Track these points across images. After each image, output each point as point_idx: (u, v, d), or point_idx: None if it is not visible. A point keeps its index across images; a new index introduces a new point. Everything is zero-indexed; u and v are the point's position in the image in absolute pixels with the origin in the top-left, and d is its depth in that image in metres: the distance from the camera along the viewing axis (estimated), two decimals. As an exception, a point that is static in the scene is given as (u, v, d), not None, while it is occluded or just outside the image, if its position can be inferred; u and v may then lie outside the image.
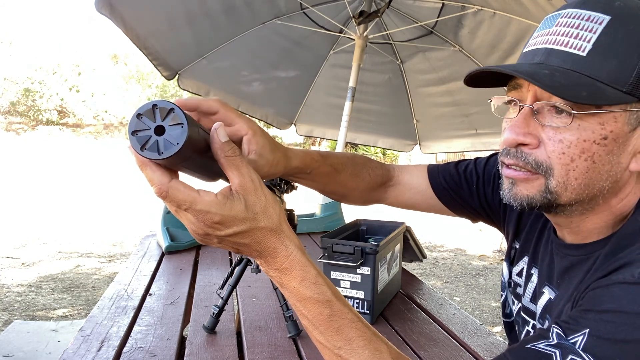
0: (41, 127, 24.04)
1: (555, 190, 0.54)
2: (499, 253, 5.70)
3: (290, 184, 1.11)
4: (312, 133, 3.41)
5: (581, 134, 0.51)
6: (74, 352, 0.85)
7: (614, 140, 0.51)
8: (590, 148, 0.51)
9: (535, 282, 0.68)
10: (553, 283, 0.63)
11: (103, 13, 1.85)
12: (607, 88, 0.49)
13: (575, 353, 0.46)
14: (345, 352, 0.50)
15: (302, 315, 0.51)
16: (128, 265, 1.43)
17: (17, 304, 3.62)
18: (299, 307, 0.50)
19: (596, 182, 0.53)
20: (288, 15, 2.56)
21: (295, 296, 0.49)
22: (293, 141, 23.73)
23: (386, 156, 14.56)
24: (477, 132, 2.87)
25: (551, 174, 0.53)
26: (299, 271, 0.49)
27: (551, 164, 0.53)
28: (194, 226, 0.46)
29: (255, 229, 0.47)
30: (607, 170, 0.53)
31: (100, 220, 7.03)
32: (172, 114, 0.45)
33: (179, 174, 0.49)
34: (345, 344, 0.50)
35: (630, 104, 0.50)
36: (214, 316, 0.93)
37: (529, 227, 0.73)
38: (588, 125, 0.51)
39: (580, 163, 0.52)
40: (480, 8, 2.12)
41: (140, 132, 0.45)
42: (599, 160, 0.52)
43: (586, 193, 0.54)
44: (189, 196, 0.44)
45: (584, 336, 0.46)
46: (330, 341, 0.50)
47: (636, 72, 0.49)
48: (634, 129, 0.51)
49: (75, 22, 28.37)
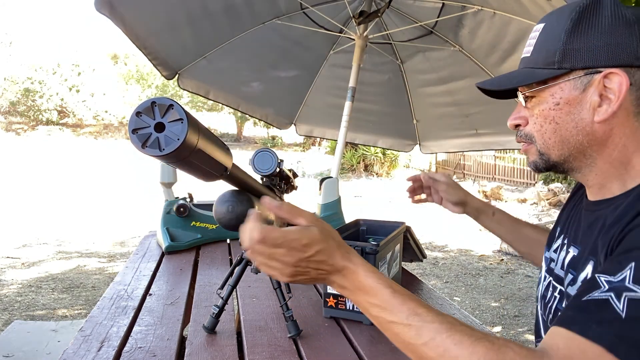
0: (41, 127, 24.03)
1: (543, 152, 0.71)
2: (499, 253, 5.69)
3: (291, 184, 1.11)
4: (312, 133, 3.41)
5: (540, 106, 0.70)
6: (74, 352, 0.85)
7: (566, 103, 0.67)
8: (549, 114, 0.69)
9: (565, 249, 0.78)
10: (577, 242, 0.74)
11: (103, 13, 1.85)
12: (542, 70, 0.68)
13: (627, 289, 0.50)
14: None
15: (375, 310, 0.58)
16: (128, 265, 1.43)
17: (17, 304, 3.61)
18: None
19: (569, 137, 0.68)
20: (288, 15, 2.55)
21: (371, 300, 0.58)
22: (293, 141, 23.72)
23: (386, 156, 14.55)
24: (477, 132, 2.87)
25: (534, 140, 0.72)
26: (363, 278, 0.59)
27: (532, 133, 0.72)
28: (288, 257, 0.57)
29: (330, 246, 0.59)
30: (573, 126, 0.68)
31: (100, 220, 7.03)
32: (171, 110, 0.45)
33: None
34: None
35: (569, 74, 0.66)
36: (214, 316, 0.93)
37: (567, 211, 0.85)
38: (542, 99, 0.70)
39: (546, 126, 0.70)
40: (480, 8, 2.12)
41: (140, 130, 0.45)
42: (561, 121, 0.68)
43: (567, 148, 0.69)
44: (281, 231, 0.57)
45: (631, 270, 0.52)
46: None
47: (558, 53, 0.66)
48: (583, 90, 0.66)
49: (75, 22, 28.34)
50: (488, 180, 12.54)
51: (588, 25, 0.64)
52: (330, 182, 2.02)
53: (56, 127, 24.26)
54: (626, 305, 0.49)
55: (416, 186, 1.18)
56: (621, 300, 0.50)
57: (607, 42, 0.63)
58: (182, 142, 0.44)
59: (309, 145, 22.36)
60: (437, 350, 0.53)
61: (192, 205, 1.69)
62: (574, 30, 0.65)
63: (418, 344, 0.54)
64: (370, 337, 0.94)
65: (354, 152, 14.69)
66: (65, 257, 5.09)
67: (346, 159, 14.66)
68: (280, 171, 0.99)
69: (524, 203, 9.60)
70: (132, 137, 0.45)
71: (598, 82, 0.64)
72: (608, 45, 0.63)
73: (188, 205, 1.66)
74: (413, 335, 0.54)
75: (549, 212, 8.43)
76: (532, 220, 7.59)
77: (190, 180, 0.77)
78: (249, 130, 26.63)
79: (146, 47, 2.19)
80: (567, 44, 0.65)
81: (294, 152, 21.38)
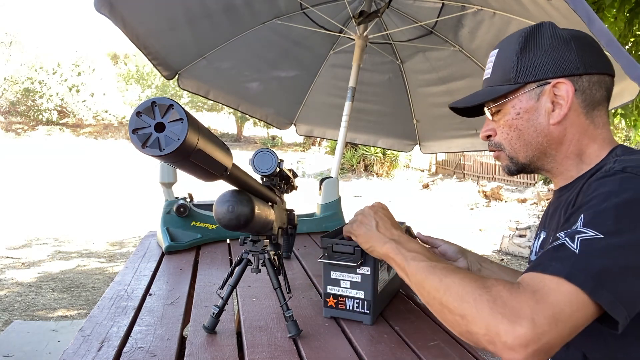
0: (41, 127, 24.03)
1: (512, 155, 0.84)
2: (499, 253, 5.70)
3: (291, 184, 1.11)
4: (312, 133, 3.41)
5: (505, 117, 0.82)
6: (74, 352, 0.85)
7: (526, 112, 0.79)
8: (513, 123, 0.81)
9: (537, 238, 0.89)
10: (545, 226, 0.87)
11: (102, 13, 1.85)
12: (502, 87, 0.80)
13: (579, 232, 0.60)
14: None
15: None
16: (128, 265, 1.43)
17: (17, 304, 3.61)
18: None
19: (531, 140, 0.80)
20: (288, 15, 2.55)
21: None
22: (293, 141, 23.71)
23: (386, 156, 14.55)
24: (477, 132, 2.87)
25: (503, 147, 0.84)
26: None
27: (501, 142, 0.84)
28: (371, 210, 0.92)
29: (387, 212, 0.94)
30: (534, 130, 0.79)
31: (100, 220, 7.03)
32: (171, 110, 0.45)
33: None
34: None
35: (524, 87, 0.78)
36: (214, 316, 0.93)
37: (546, 211, 0.93)
38: (505, 111, 0.82)
39: (512, 134, 0.82)
40: (480, 8, 2.11)
41: (140, 130, 0.45)
42: (523, 127, 0.80)
43: (531, 150, 0.81)
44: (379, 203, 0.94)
45: (581, 220, 0.62)
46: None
47: (513, 70, 0.79)
48: (537, 100, 0.78)
49: (75, 22, 28.33)
50: (488, 180, 12.54)
51: (533, 45, 0.78)
52: (330, 182, 2.02)
53: (56, 127, 24.26)
54: (579, 244, 0.59)
55: None
56: (575, 241, 0.60)
57: (551, 58, 0.76)
58: (182, 142, 0.44)
59: (309, 145, 22.36)
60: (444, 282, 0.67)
61: (192, 205, 1.69)
62: (523, 51, 0.78)
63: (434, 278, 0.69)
64: (370, 337, 0.94)
65: (354, 152, 14.69)
66: (65, 257, 5.09)
67: (346, 159, 14.66)
68: (280, 171, 0.99)
69: (524, 203, 9.60)
70: (133, 137, 0.45)
71: (549, 91, 0.77)
72: (552, 60, 0.76)
73: (188, 205, 1.66)
74: (434, 277, 0.69)
75: (549, 212, 8.42)
76: (532, 220, 7.59)
77: (190, 180, 0.77)
78: (249, 130, 26.64)
79: (146, 47, 2.19)
80: (519, 63, 0.78)
81: (294, 152, 21.39)
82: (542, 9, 1.43)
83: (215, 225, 1.71)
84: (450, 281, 0.65)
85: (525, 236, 5.61)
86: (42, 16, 27.04)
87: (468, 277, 0.64)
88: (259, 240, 0.93)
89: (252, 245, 0.92)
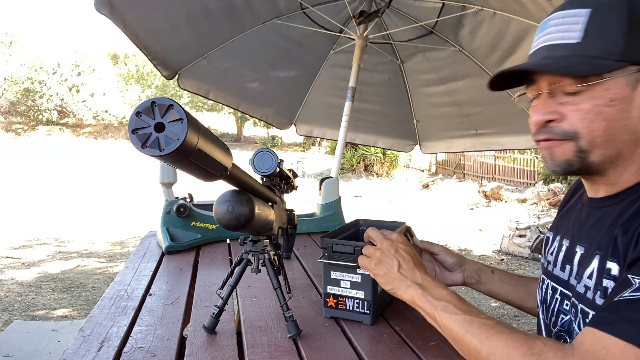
0: (41, 127, 24.04)
1: (586, 149, 0.65)
2: (499, 253, 5.69)
3: (290, 184, 1.11)
4: (312, 133, 3.41)
5: (592, 101, 0.63)
6: (74, 352, 0.85)
7: (621, 100, 0.62)
8: (603, 110, 0.62)
9: (565, 249, 0.78)
10: (582, 240, 0.73)
11: (102, 13, 1.85)
12: (602, 61, 0.61)
13: None
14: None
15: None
16: (128, 265, 1.43)
17: (17, 304, 3.61)
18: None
19: (617, 136, 0.64)
20: (288, 15, 2.55)
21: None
22: (293, 141, 23.71)
23: (386, 156, 14.54)
24: (477, 132, 2.87)
25: (579, 136, 0.64)
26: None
27: (577, 130, 0.64)
28: (391, 246, 0.83)
29: (409, 249, 0.84)
30: (623, 124, 0.63)
31: (100, 220, 7.03)
32: (171, 110, 0.45)
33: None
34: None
35: (623, 69, 0.61)
36: (214, 316, 0.93)
37: (562, 214, 0.85)
38: (595, 93, 0.62)
39: (599, 124, 0.63)
40: (480, 8, 2.11)
41: (140, 130, 0.45)
42: (614, 119, 0.63)
43: (612, 147, 0.64)
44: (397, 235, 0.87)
45: None
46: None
47: (621, 43, 0.61)
48: (634, 88, 0.62)
49: (75, 22, 28.32)
50: (488, 180, 12.54)
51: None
52: (330, 182, 2.02)
53: (56, 127, 24.26)
54: None
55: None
56: None
57: None
58: (182, 142, 0.44)
59: (309, 145, 22.35)
60: (480, 338, 0.62)
61: (192, 205, 1.69)
62: (633, 23, 0.61)
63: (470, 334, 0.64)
64: (370, 337, 0.94)
65: (354, 152, 14.68)
66: (65, 257, 5.09)
67: (346, 159, 14.65)
68: (280, 171, 0.99)
69: (524, 203, 9.59)
70: (132, 137, 0.45)
71: None
72: None
73: (188, 205, 1.66)
74: (470, 331, 0.64)
75: (549, 212, 8.43)
76: (532, 220, 7.59)
77: (190, 180, 0.77)
78: (249, 130, 26.65)
79: (146, 47, 2.19)
80: (630, 36, 0.61)
81: (294, 152, 21.39)
82: (542, 9, 1.43)
83: (215, 225, 1.71)
84: (494, 345, 0.59)
85: (525, 236, 5.61)
86: (42, 16, 27.04)
87: (512, 339, 0.58)
88: (259, 240, 0.92)
89: (252, 245, 0.92)
